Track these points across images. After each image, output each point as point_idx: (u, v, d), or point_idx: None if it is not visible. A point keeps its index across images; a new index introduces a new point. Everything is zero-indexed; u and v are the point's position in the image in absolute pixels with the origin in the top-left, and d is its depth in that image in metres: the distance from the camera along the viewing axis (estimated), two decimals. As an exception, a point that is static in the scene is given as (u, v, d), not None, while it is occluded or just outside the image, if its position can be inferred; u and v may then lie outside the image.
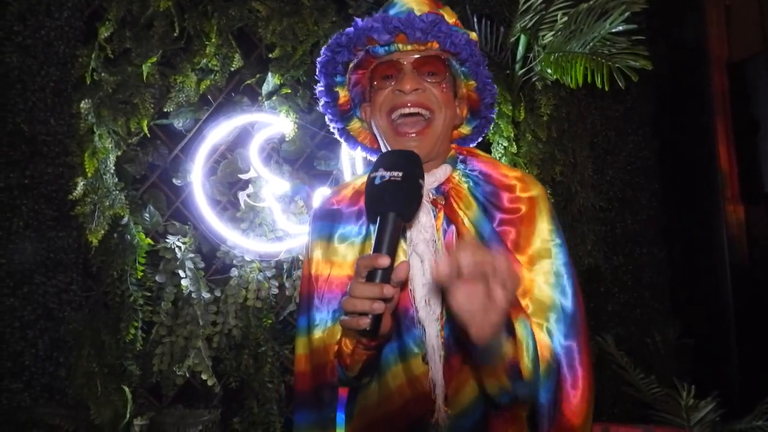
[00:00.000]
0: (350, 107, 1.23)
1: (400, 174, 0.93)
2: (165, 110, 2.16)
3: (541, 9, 2.37)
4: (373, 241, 0.91)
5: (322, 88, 1.19)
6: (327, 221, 1.19)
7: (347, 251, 1.15)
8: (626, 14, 2.10)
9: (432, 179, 1.11)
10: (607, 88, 2.11)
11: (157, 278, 2.08)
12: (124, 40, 2.08)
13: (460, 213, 1.10)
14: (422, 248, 1.07)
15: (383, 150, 1.17)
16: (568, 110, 2.68)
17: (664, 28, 3.08)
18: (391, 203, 0.91)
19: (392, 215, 0.90)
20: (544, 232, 1.10)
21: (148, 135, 2.12)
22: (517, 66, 2.52)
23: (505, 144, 2.50)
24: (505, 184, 1.15)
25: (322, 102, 1.21)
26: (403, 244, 1.09)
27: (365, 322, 0.87)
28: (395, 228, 0.90)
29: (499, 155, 2.51)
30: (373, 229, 0.99)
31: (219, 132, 2.22)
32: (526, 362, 0.96)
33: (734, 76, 3.06)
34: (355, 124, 1.26)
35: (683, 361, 2.84)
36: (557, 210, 2.64)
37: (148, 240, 2.09)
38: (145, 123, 2.09)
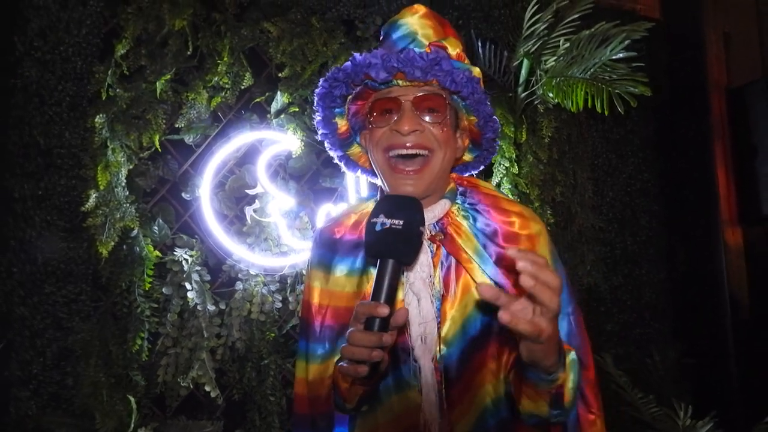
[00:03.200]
0: (350, 134, 1.22)
1: (401, 222, 0.93)
2: (176, 126, 2.21)
3: (544, 35, 2.44)
4: (371, 287, 0.91)
5: (320, 119, 1.18)
6: (327, 250, 1.19)
7: (346, 282, 1.15)
8: (626, 42, 2.17)
9: (431, 215, 1.10)
10: (606, 113, 2.17)
11: (164, 290, 2.12)
12: (140, 58, 2.13)
13: (462, 246, 1.10)
14: (419, 286, 1.07)
15: (380, 182, 1.16)
16: (569, 132, 2.74)
17: (664, 54, 3.15)
18: (392, 251, 0.91)
19: (392, 262, 0.91)
20: None
21: (159, 150, 2.17)
22: (520, 89, 2.59)
23: (507, 165, 2.55)
24: (504, 221, 1.14)
25: (320, 132, 1.20)
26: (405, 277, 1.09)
27: (363, 370, 0.88)
28: (395, 275, 0.91)
29: (501, 176, 2.56)
30: (373, 269, 1.02)
31: (228, 148, 2.27)
32: (569, 390, 0.96)
33: (733, 102, 3.13)
34: (355, 149, 1.25)
35: (682, 381, 2.85)
36: (557, 231, 2.69)
37: (157, 252, 2.13)
38: (156, 138, 2.14)
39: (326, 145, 1.23)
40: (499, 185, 2.57)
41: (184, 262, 2.16)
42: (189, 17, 2.18)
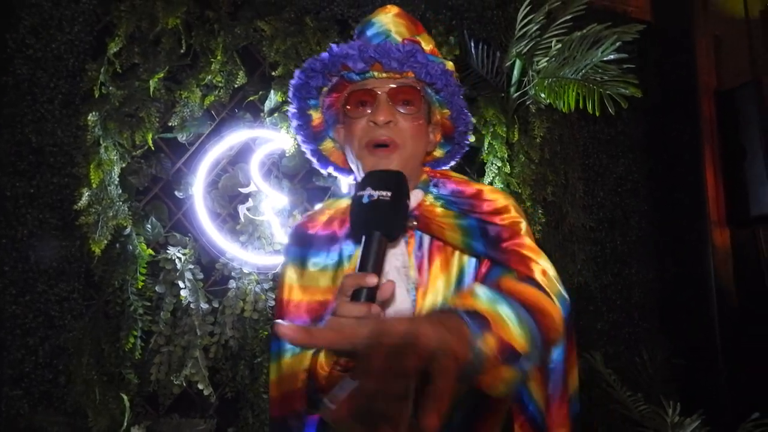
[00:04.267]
0: (323, 128, 1.22)
1: (389, 194, 0.92)
2: (169, 124, 2.21)
3: (537, 36, 2.46)
4: (358, 261, 0.89)
5: (295, 111, 1.18)
6: (300, 246, 1.19)
7: (320, 277, 1.15)
8: (618, 44, 2.19)
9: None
10: (598, 114, 2.19)
11: (156, 288, 2.12)
12: (133, 56, 2.13)
13: (437, 220, 1.10)
14: (394, 276, 1.06)
15: (357, 174, 1.16)
16: (561, 133, 2.77)
17: (655, 57, 3.18)
18: (379, 223, 0.90)
19: (378, 234, 0.89)
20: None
21: (153, 148, 2.17)
22: (512, 89, 2.61)
23: (499, 164, 2.57)
24: (480, 197, 1.15)
25: (294, 124, 1.20)
26: None
27: None
28: (381, 248, 0.89)
29: (493, 175, 2.58)
30: (358, 249, 1.01)
31: (221, 146, 2.27)
32: (514, 335, 0.80)
33: (722, 104, 3.16)
34: (327, 144, 1.25)
35: (670, 380, 2.89)
36: (548, 230, 2.71)
37: (149, 251, 2.12)
38: (149, 136, 2.13)
39: (298, 138, 1.23)
40: (491, 184, 2.59)
41: (177, 261, 2.16)
42: (182, 15, 2.18)
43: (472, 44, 2.62)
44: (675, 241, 3.13)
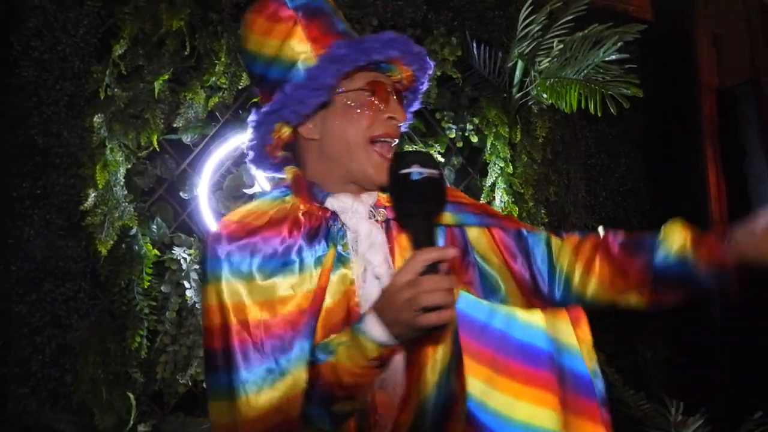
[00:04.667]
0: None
1: (437, 172, 0.92)
2: (174, 125, 2.22)
3: (538, 36, 2.47)
4: (412, 237, 0.90)
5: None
6: (243, 256, 0.97)
7: (277, 287, 0.97)
8: (619, 44, 2.20)
9: (372, 199, 1.06)
10: (600, 114, 2.20)
11: (162, 288, 2.14)
12: (137, 58, 2.15)
13: None
14: (381, 267, 1.00)
15: (311, 170, 1.06)
16: (563, 133, 2.78)
17: (655, 55, 3.19)
18: (436, 198, 0.92)
19: (424, 214, 0.91)
20: None
21: (158, 149, 2.19)
22: (514, 90, 2.62)
23: (502, 164, 2.59)
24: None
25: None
26: (356, 264, 1.01)
27: (448, 315, 0.84)
28: (433, 223, 0.91)
29: (496, 175, 2.59)
30: (330, 251, 0.98)
31: (225, 147, 2.29)
32: None
33: (723, 103, 3.17)
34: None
35: (672, 379, 2.90)
36: (550, 229, 2.72)
37: (155, 251, 2.14)
38: (155, 137, 2.15)
39: (251, 134, 1.06)
40: (494, 185, 2.61)
41: (182, 261, 2.18)
42: (186, 17, 2.19)
43: (474, 45, 2.63)
44: (677, 240, 3.13)
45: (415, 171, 0.91)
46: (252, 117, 1.05)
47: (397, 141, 1.06)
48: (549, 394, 1.05)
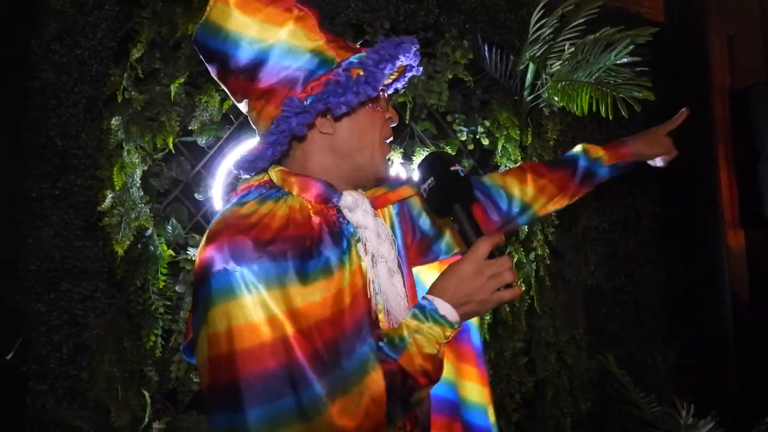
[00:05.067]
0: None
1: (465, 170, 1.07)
2: (189, 128, 2.26)
3: (550, 39, 2.47)
4: (463, 232, 1.01)
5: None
6: (275, 262, 0.88)
7: (326, 285, 0.93)
8: (631, 47, 2.20)
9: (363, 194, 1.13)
10: (611, 117, 2.20)
11: (177, 288, 2.17)
12: (154, 61, 2.18)
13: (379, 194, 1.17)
14: (394, 262, 1.08)
15: (315, 165, 1.04)
16: (574, 135, 2.78)
17: (668, 56, 3.18)
18: (469, 194, 1.04)
19: (462, 206, 1.02)
20: None
21: (173, 151, 2.22)
22: (526, 92, 2.63)
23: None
24: None
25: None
26: (365, 260, 1.03)
27: (519, 290, 0.98)
28: (472, 214, 1.03)
29: (507, 177, 2.59)
30: (352, 249, 1.01)
31: (239, 149, 2.32)
32: None
33: (736, 104, 3.15)
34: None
35: (683, 381, 2.89)
36: (562, 232, 2.73)
37: (170, 251, 2.18)
38: (170, 140, 2.18)
39: (294, 122, 0.96)
40: (504, 187, 2.61)
41: (196, 261, 2.21)
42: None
43: (486, 48, 2.64)
44: (688, 243, 3.13)
45: (459, 169, 1.04)
46: (289, 105, 0.96)
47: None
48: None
